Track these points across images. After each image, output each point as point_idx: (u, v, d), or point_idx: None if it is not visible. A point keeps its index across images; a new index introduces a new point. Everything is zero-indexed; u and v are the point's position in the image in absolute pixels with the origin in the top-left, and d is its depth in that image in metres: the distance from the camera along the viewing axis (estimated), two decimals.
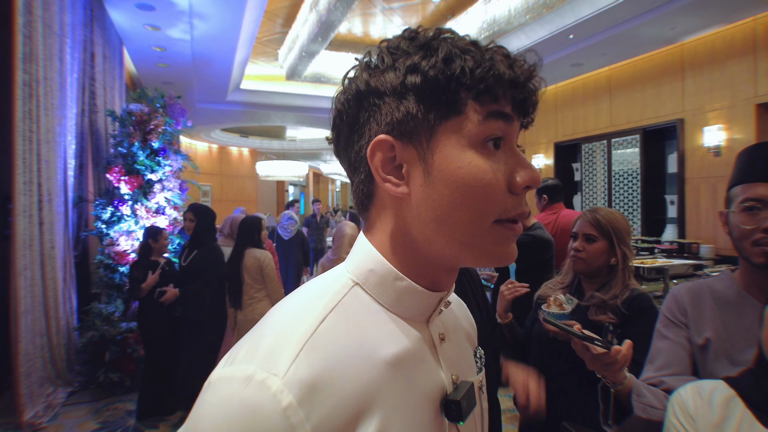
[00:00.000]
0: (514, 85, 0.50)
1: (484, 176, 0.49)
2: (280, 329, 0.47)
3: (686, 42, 6.15)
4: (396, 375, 0.49)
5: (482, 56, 0.49)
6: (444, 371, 0.55)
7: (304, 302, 0.50)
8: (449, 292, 0.58)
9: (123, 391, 4.09)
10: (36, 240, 3.69)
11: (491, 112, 0.49)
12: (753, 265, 1.07)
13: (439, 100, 0.48)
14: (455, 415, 0.53)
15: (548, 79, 3.96)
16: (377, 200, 0.54)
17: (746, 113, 5.56)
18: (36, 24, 3.62)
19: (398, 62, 0.50)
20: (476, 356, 0.66)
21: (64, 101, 4.19)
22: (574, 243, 1.69)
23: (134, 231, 4.57)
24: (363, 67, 0.53)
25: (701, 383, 0.90)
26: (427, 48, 0.49)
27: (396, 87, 0.49)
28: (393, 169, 0.51)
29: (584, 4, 5.34)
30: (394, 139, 0.50)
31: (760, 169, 1.07)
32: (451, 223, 0.49)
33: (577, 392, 1.46)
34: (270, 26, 7.51)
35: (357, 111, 0.52)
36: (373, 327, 0.51)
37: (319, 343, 0.45)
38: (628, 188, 7.25)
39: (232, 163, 16.02)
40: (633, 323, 1.51)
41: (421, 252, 0.53)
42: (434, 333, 0.57)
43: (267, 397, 0.41)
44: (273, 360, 0.43)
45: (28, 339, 3.58)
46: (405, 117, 0.49)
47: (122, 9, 5.15)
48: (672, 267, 4.57)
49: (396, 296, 0.53)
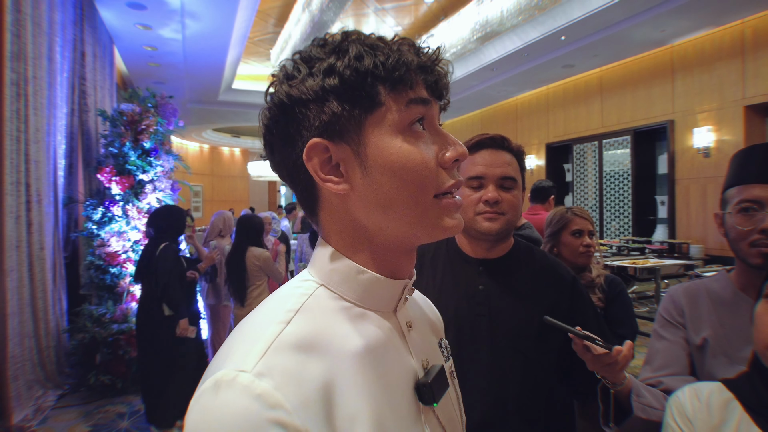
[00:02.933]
0: (423, 69, 0.54)
1: (416, 157, 0.52)
2: (247, 337, 0.48)
3: (676, 44, 6.22)
4: (368, 364, 0.50)
5: (390, 49, 0.52)
6: (414, 357, 0.57)
7: (269, 309, 0.51)
8: (411, 279, 0.60)
9: (114, 393, 4.04)
10: (24, 241, 3.64)
11: (410, 99, 0.52)
12: (750, 266, 1.08)
13: (360, 96, 0.51)
14: (427, 397, 0.54)
15: (540, 81, 4.05)
16: (323, 203, 0.56)
17: (735, 115, 5.63)
18: (25, 22, 3.57)
19: (314, 69, 0.52)
20: (441, 346, 0.68)
21: (53, 101, 4.13)
22: (581, 240, 1.90)
23: (125, 232, 4.53)
24: (281, 80, 0.54)
25: (699, 386, 0.90)
26: (338, 51, 0.52)
27: (317, 92, 0.51)
28: (331, 169, 0.53)
29: (576, 6, 5.38)
30: (327, 140, 0.52)
31: (755, 170, 1.08)
32: (396, 207, 0.52)
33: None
34: (262, 26, 7.48)
35: (285, 123, 0.54)
36: (342, 322, 0.52)
37: (286, 341, 0.46)
38: (619, 189, 7.31)
39: (224, 163, 15.94)
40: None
41: (377, 241, 0.55)
42: (402, 321, 0.59)
43: (238, 391, 0.41)
44: (240, 362, 0.44)
45: (15, 341, 3.52)
46: (332, 118, 0.51)
47: (113, 8, 5.10)
48: (663, 267, 4.61)
49: (361, 289, 0.55)
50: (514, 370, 1.10)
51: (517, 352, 1.11)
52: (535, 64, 7.07)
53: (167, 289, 3.13)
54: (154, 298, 3.17)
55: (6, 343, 3.44)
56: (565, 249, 1.96)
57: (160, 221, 3.34)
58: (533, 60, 6.97)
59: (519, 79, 7.79)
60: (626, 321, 1.92)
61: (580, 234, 1.92)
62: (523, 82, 8.03)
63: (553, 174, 8.32)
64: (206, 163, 15.25)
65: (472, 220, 1.15)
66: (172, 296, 3.15)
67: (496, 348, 1.11)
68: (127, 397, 3.97)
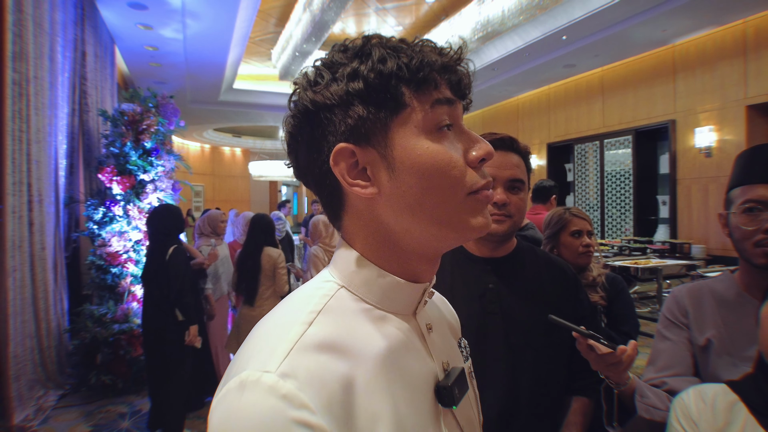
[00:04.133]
0: (446, 69, 0.54)
1: (443, 157, 0.52)
2: (271, 338, 0.48)
3: (678, 44, 6.21)
4: (389, 366, 0.50)
5: (413, 50, 0.53)
6: (434, 359, 0.58)
7: (291, 310, 0.52)
8: (431, 282, 0.60)
9: (115, 393, 4.03)
10: (26, 241, 3.64)
11: (435, 100, 0.53)
12: (754, 266, 1.07)
13: (385, 98, 0.51)
14: (447, 400, 0.54)
15: (541, 81, 4.03)
16: (349, 207, 0.56)
17: (736, 115, 5.62)
18: (26, 22, 3.57)
19: (338, 74, 0.52)
20: (461, 346, 0.69)
21: (55, 100, 4.13)
22: (581, 240, 1.90)
23: (126, 232, 4.53)
24: (305, 87, 0.54)
25: (704, 387, 0.90)
26: (361, 55, 0.52)
27: (342, 96, 0.51)
28: (358, 173, 0.53)
29: (577, 6, 5.37)
30: (353, 144, 0.52)
31: (760, 170, 1.07)
32: (425, 208, 0.52)
33: None
34: (263, 26, 7.48)
35: (311, 129, 0.54)
36: (363, 324, 0.52)
37: (309, 342, 0.46)
38: (621, 189, 7.30)
39: (225, 163, 15.95)
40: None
41: (402, 245, 0.55)
42: (422, 323, 0.59)
43: (263, 391, 0.42)
44: (265, 362, 0.44)
45: (17, 341, 3.53)
46: (357, 122, 0.52)
47: (114, 8, 5.10)
48: (665, 267, 4.60)
49: (382, 293, 0.55)
50: (526, 366, 1.11)
51: (529, 348, 1.12)
52: (536, 63, 7.07)
53: (181, 294, 3.10)
54: (167, 302, 3.13)
55: (7, 342, 3.44)
56: (564, 250, 1.97)
57: (163, 221, 3.27)
58: (534, 60, 6.97)
59: (520, 78, 7.79)
60: (629, 318, 1.96)
61: (579, 234, 1.93)
62: (525, 82, 8.03)
63: (555, 174, 8.31)
64: (207, 163, 15.26)
65: None
66: (187, 302, 3.13)
67: (509, 345, 1.12)
68: (128, 397, 3.97)
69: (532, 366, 1.12)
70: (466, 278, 1.19)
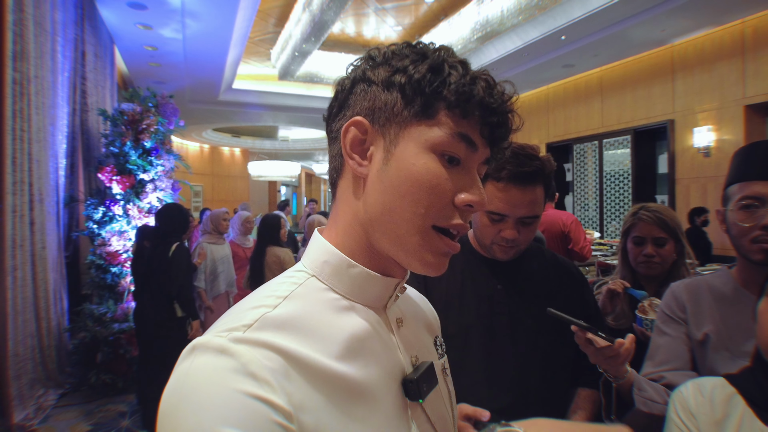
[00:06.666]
0: (484, 106, 0.53)
1: (433, 179, 0.52)
2: (231, 317, 0.49)
3: (676, 44, 6.23)
4: (354, 355, 0.51)
5: (465, 74, 0.54)
6: (402, 353, 0.58)
7: (260, 296, 0.53)
8: (404, 278, 0.61)
9: (115, 392, 4.04)
10: (27, 240, 3.64)
11: (459, 132, 0.53)
12: (751, 262, 1.08)
13: (417, 101, 0.53)
14: (414, 393, 0.55)
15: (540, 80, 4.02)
16: (343, 178, 0.59)
17: (735, 114, 5.63)
18: (27, 22, 3.58)
19: (392, 61, 0.56)
20: (436, 344, 0.69)
21: (55, 100, 4.14)
22: (642, 248, 1.60)
23: (126, 231, 4.53)
24: (365, 59, 0.58)
25: (702, 381, 0.91)
26: (420, 55, 0.55)
27: (384, 80, 0.55)
28: (361, 150, 0.56)
29: (576, 6, 5.38)
30: (370, 123, 0.55)
31: (757, 167, 1.08)
32: (393, 214, 0.53)
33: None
34: (263, 26, 7.49)
35: (349, 93, 0.58)
36: (326, 311, 0.53)
37: (269, 320, 0.48)
38: (619, 188, 7.31)
39: (224, 163, 15.93)
40: None
41: (371, 238, 0.56)
42: (391, 317, 0.60)
43: (212, 351, 0.44)
44: (219, 333, 0.46)
45: (17, 340, 3.53)
46: (384, 106, 0.54)
47: (114, 7, 5.10)
48: None
49: (351, 283, 0.56)
50: (534, 367, 1.13)
51: (536, 348, 1.14)
52: (535, 63, 7.08)
53: (183, 290, 3.16)
54: (167, 298, 3.16)
55: (7, 341, 3.44)
56: (629, 256, 1.68)
57: (173, 220, 3.34)
58: (533, 60, 6.97)
59: (519, 78, 7.78)
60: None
61: (641, 242, 1.61)
62: (524, 82, 8.03)
63: (554, 174, 8.32)
64: (206, 163, 15.24)
65: (488, 247, 1.20)
66: (188, 297, 3.20)
67: (517, 345, 1.14)
68: (128, 396, 3.97)
69: (539, 366, 1.13)
70: (476, 279, 1.21)
